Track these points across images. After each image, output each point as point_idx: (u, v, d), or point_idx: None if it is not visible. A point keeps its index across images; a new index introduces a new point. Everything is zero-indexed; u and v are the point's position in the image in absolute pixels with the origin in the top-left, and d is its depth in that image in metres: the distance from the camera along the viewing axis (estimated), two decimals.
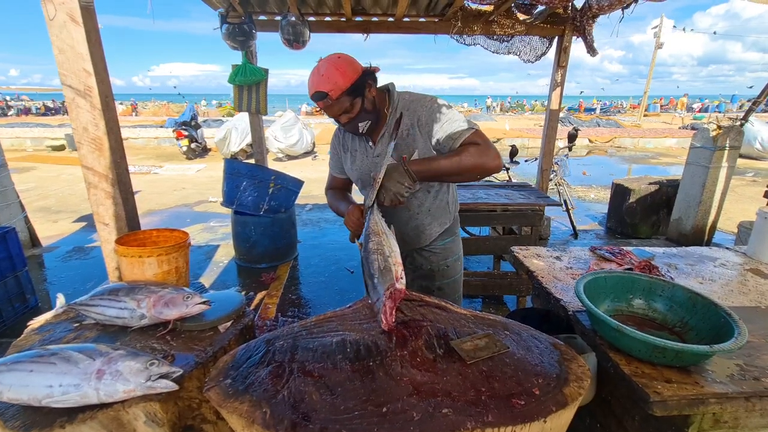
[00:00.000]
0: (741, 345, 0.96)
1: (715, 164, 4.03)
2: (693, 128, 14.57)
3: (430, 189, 1.53)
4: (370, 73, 1.35)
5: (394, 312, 1.15)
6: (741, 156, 4.19)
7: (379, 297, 1.14)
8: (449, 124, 1.36)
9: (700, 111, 25.75)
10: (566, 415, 0.91)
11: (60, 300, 1.43)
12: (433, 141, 1.39)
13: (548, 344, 1.10)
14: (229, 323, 1.35)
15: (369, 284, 1.22)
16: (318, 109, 1.35)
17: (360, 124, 1.38)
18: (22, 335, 1.30)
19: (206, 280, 3.76)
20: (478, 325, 1.19)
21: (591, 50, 3.67)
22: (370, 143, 1.48)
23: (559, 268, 1.67)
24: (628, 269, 1.57)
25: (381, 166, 1.31)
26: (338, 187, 1.70)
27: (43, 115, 23.11)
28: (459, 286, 1.74)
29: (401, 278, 1.14)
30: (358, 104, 1.33)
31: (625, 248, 1.79)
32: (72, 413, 0.94)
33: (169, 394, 1.01)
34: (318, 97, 1.29)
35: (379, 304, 1.14)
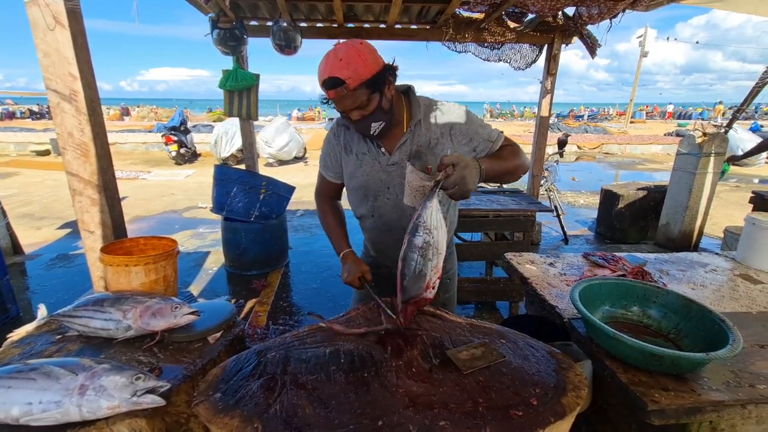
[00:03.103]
0: (736, 352, 0.96)
1: (701, 170, 4.10)
2: (678, 135, 14.91)
3: (446, 201, 1.42)
4: (391, 69, 1.20)
5: (413, 315, 1.15)
6: None
7: (404, 299, 1.12)
8: (483, 129, 1.34)
9: (682, 118, 26.54)
10: (564, 426, 0.90)
11: (42, 311, 1.38)
12: (469, 147, 1.33)
13: (545, 352, 1.09)
14: (218, 334, 1.31)
15: (399, 281, 1.12)
16: (327, 101, 1.20)
17: (373, 124, 1.22)
18: (1, 348, 1.25)
19: (195, 287, 3.69)
20: (473, 334, 1.18)
21: (592, 52, 3.70)
22: (383, 149, 1.33)
23: (553, 275, 1.67)
24: (622, 275, 1.57)
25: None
26: (329, 196, 1.57)
27: (28, 119, 22.66)
28: (455, 299, 1.70)
29: (433, 288, 1.10)
30: (375, 101, 1.18)
31: (617, 254, 1.80)
32: None
33: (155, 409, 0.97)
34: (332, 83, 1.12)
35: (402, 304, 1.13)
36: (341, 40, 1.17)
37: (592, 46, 3.64)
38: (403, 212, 1.35)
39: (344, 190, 1.55)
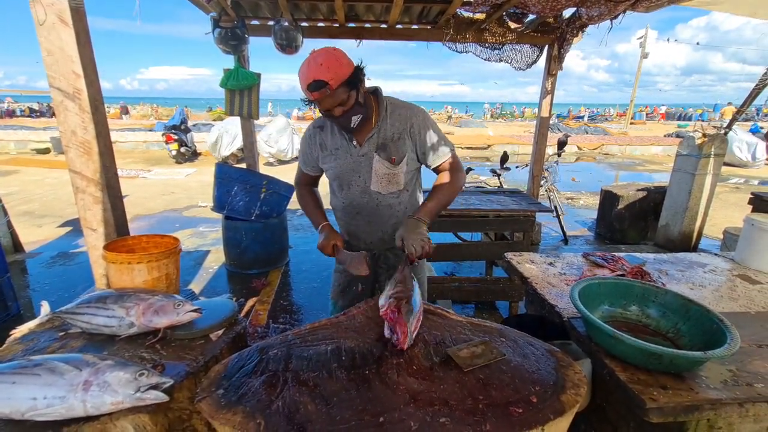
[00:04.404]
0: (734, 351, 0.97)
1: (700, 171, 4.11)
2: (678, 136, 14.91)
3: (408, 188, 1.58)
4: (361, 69, 1.38)
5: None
6: (724, 164, 4.29)
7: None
8: (438, 142, 1.51)
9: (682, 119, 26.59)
10: (563, 423, 0.90)
11: (44, 308, 1.39)
12: (420, 152, 1.52)
13: (544, 351, 1.10)
14: (220, 331, 1.32)
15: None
16: (309, 103, 1.37)
17: (353, 118, 1.38)
18: (4, 345, 1.26)
19: (196, 286, 3.70)
20: (474, 332, 1.19)
21: (560, 60, 3.74)
22: (354, 142, 1.49)
23: (552, 274, 1.68)
24: (621, 275, 1.58)
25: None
26: (307, 183, 1.72)
27: (28, 117, 22.63)
28: (426, 285, 1.78)
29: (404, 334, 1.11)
30: (354, 97, 1.34)
31: (617, 254, 1.81)
32: (57, 427, 0.90)
33: (158, 405, 0.98)
34: (316, 86, 1.27)
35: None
36: (315, 49, 1.32)
37: (562, 56, 3.68)
38: (371, 196, 1.54)
39: (322, 181, 1.74)
